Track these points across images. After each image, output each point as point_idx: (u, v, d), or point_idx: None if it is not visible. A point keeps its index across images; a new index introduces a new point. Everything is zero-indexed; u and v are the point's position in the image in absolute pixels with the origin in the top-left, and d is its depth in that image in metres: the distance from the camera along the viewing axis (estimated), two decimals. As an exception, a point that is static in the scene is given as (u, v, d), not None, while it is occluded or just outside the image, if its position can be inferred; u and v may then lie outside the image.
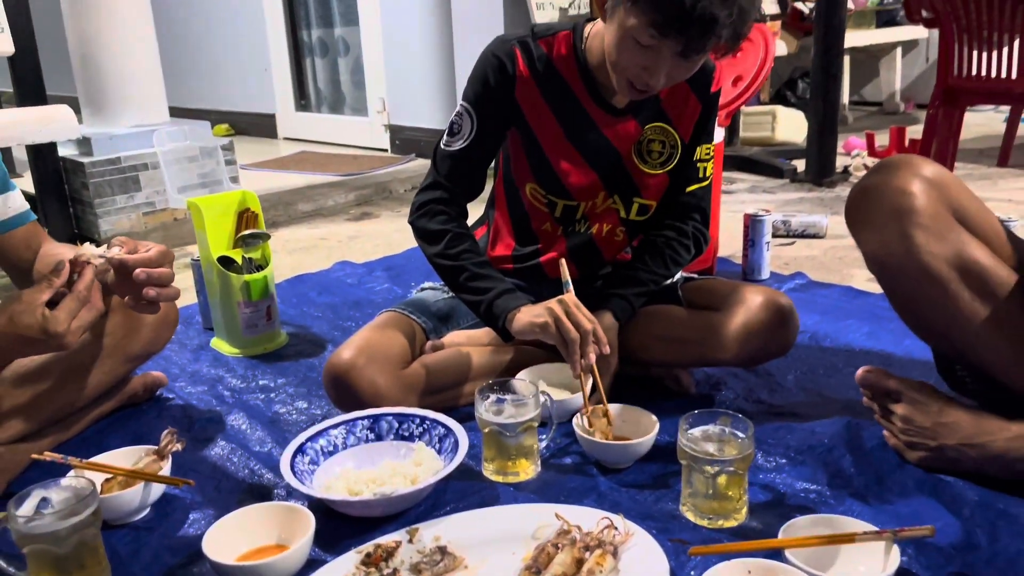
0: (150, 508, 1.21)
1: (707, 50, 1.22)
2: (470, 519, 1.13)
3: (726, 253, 2.33)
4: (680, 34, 1.18)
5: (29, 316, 1.04)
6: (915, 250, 1.13)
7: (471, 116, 1.44)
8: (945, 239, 1.13)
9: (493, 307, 1.38)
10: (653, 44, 1.21)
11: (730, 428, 1.13)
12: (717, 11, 1.16)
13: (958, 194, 1.16)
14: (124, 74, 2.79)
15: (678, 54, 1.22)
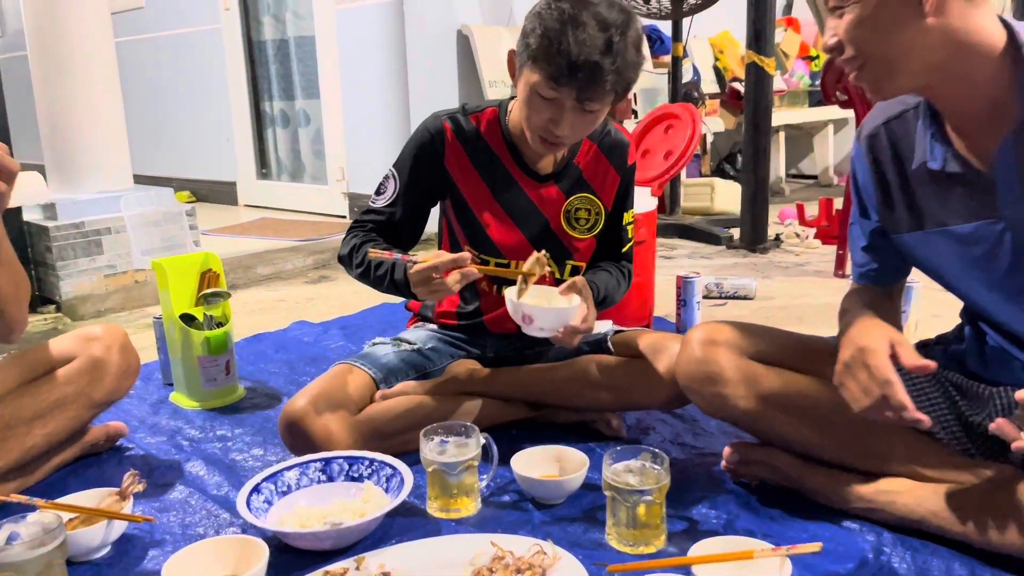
0: (111, 546, 1.28)
1: (601, 98, 1.41)
2: (413, 548, 1.22)
3: (662, 313, 2.49)
4: (571, 83, 1.37)
5: None
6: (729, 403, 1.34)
7: (395, 179, 1.62)
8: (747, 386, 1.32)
9: (395, 276, 1.50)
10: (553, 96, 1.40)
11: (650, 463, 1.25)
12: (599, 59, 1.36)
13: (752, 342, 1.36)
14: (91, 142, 2.90)
15: (576, 102, 1.40)
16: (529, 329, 1.45)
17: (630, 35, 1.40)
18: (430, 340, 1.73)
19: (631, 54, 1.40)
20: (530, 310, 1.43)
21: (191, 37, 4.98)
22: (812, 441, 1.32)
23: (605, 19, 1.37)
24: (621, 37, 1.38)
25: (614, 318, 1.83)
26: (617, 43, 1.37)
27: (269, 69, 4.82)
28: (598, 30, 1.36)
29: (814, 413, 1.31)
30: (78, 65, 2.88)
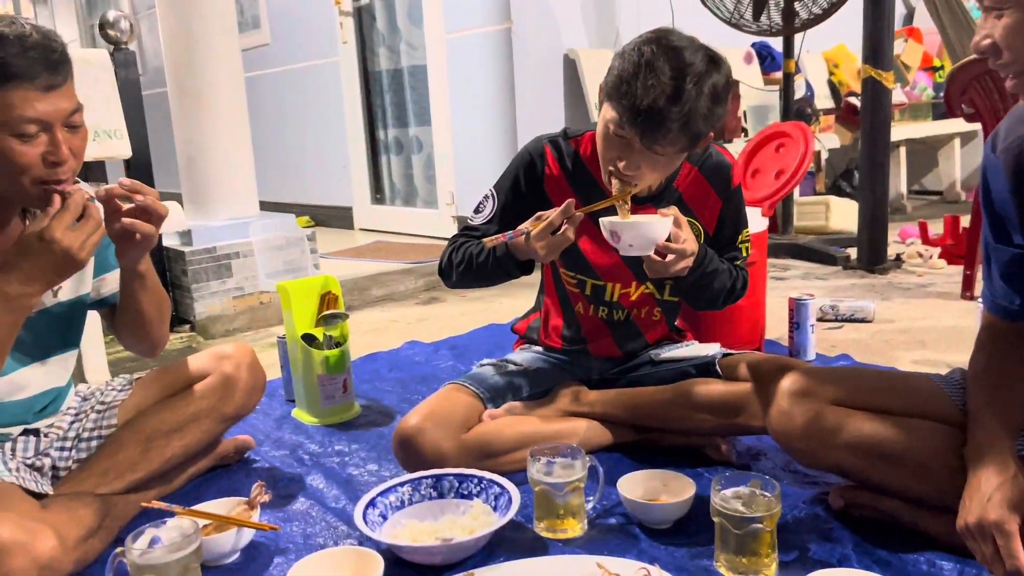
0: (240, 552, 1.37)
1: (667, 145, 1.40)
2: (521, 566, 1.25)
3: (773, 336, 2.44)
4: (635, 128, 1.38)
5: (34, 227, 1.19)
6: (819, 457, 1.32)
7: (494, 200, 1.67)
8: (837, 437, 1.27)
9: (497, 253, 1.53)
10: (621, 134, 1.40)
11: (760, 490, 1.23)
12: (664, 107, 1.36)
13: (843, 388, 1.31)
14: (222, 172, 3.12)
15: (644, 146, 1.40)
16: (621, 248, 1.43)
17: (707, 85, 1.37)
18: (536, 362, 1.76)
19: (703, 105, 1.37)
20: (616, 226, 1.42)
21: (311, 70, 5.26)
22: (913, 488, 1.26)
23: (684, 66, 1.36)
24: (695, 86, 1.36)
25: (722, 341, 1.81)
26: (688, 92, 1.35)
27: (384, 98, 5.03)
28: (670, 77, 1.35)
29: (911, 461, 1.24)
30: (212, 100, 3.11)
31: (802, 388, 1.32)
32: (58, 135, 1.21)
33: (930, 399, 1.29)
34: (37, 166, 1.21)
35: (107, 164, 2.82)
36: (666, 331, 1.78)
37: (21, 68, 1.16)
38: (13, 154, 1.19)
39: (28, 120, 1.18)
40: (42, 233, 1.18)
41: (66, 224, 1.19)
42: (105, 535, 1.37)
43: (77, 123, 1.25)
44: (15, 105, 1.16)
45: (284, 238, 2.90)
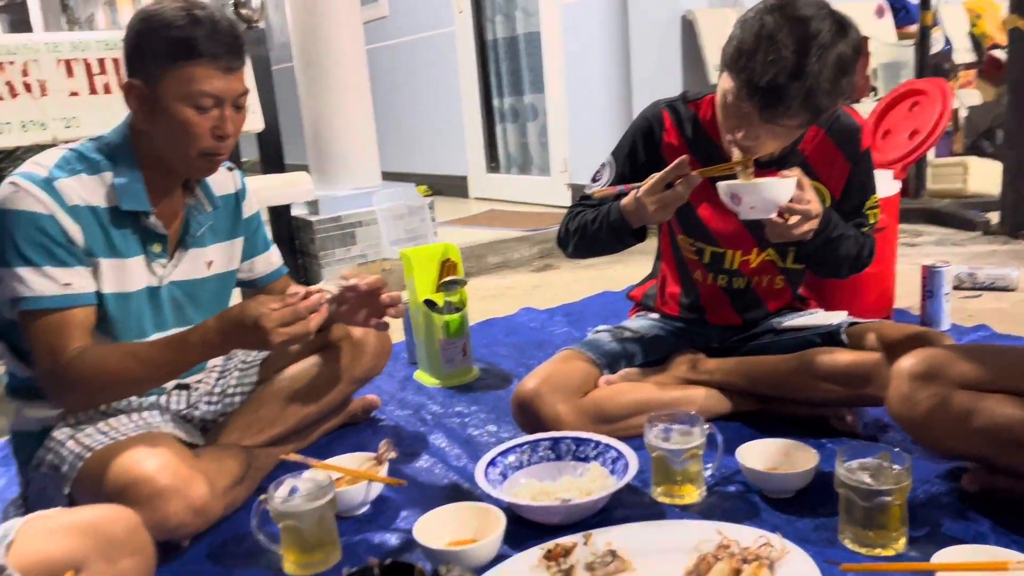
0: (369, 505, 1.45)
1: (787, 119, 1.33)
2: (639, 529, 1.27)
3: (904, 304, 2.33)
4: (753, 102, 1.32)
5: (255, 308, 1.25)
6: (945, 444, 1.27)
7: (611, 167, 1.64)
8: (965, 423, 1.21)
9: (611, 218, 1.51)
10: (740, 106, 1.35)
11: (889, 463, 1.19)
12: (785, 83, 1.29)
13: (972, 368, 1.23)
14: (347, 144, 3.24)
15: (760, 118, 1.34)
16: (742, 211, 1.39)
17: (831, 57, 1.30)
18: (653, 329, 1.76)
19: (826, 79, 1.31)
20: (736, 188, 1.37)
21: (428, 40, 5.34)
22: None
23: (808, 38, 1.29)
24: (819, 59, 1.29)
25: (848, 309, 1.75)
26: (811, 66, 1.29)
27: (500, 66, 5.05)
28: (793, 51, 1.29)
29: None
30: (335, 74, 3.23)
31: (925, 370, 1.25)
32: (227, 112, 1.33)
33: None
34: (206, 137, 1.32)
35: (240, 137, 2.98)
36: (789, 300, 1.74)
37: (209, 48, 1.28)
38: (189, 124, 1.30)
39: (206, 94, 1.29)
40: (261, 321, 1.24)
41: (285, 322, 1.26)
42: (249, 484, 1.48)
43: (243, 104, 1.37)
44: (198, 79, 1.28)
45: (406, 207, 2.99)
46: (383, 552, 1.31)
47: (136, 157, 1.37)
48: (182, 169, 1.38)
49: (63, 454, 1.34)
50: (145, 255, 1.40)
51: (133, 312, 1.40)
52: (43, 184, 1.29)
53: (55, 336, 1.29)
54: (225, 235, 1.54)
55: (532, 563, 1.20)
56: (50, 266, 1.29)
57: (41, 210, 1.28)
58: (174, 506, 1.25)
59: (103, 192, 1.34)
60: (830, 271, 1.60)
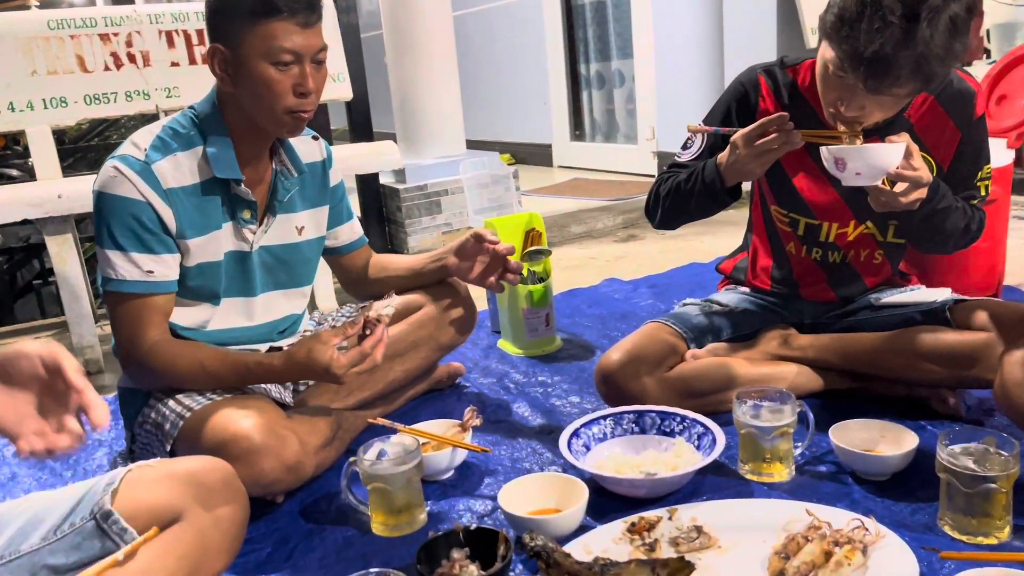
0: (455, 470, 1.47)
1: (896, 88, 1.25)
2: (725, 506, 1.25)
3: (1015, 282, 2.20)
4: (859, 73, 1.24)
5: (321, 354, 1.31)
6: None
7: (703, 134, 1.58)
8: None
9: (705, 174, 1.47)
10: (842, 77, 1.27)
11: (995, 448, 1.14)
12: (892, 53, 1.20)
13: None
14: (433, 113, 3.26)
15: (866, 89, 1.26)
16: (846, 177, 1.31)
17: (943, 20, 1.20)
18: (742, 303, 1.71)
19: (938, 43, 1.21)
20: (841, 152, 1.30)
21: (515, 6, 5.29)
22: None
23: (917, 1, 1.20)
24: (930, 24, 1.19)
25: (953, 286, 1.66)
26: (922, 33, 1.19)
27: (587, 31, 4.97)
28: (900, 15, 1.19)
29: None
30: (423, 41, 3.24)
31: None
32: (307, 68, 1.35)
33: None
34: (288, 94, 1.34)
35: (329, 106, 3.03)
36: (889, 275, 1.66)
37: (286, 4, 1.30)
38: (271, 81, 1.33)
39: (286, 50, 1.31)
40: (332, 369, 1.31)
41: (353, 364, 1.32)
42: (339, 445, 1.52)
43: (323, 59, 1.39)
44: (277, 36, 1.30)
45: (491, 175, 3.00)
46: (468, 517, 1.33)
47: (225, 124, 1.41)
48: (271, 128, 1.40)
49: (165, 412, 1.40)
50: (235, 221, 1.44)
51: (223, 276, 1.45)
52: (141, 169, 1.34)
53: (134, 321, 1.37)
54: (313, 202, 1.58)
55: (616, 535, 1.20)
56: (137, 252, 1.35)
57: (137, 197, 1.33)
58: (269, 463, 1.30)
59: (197, 166, 1.39)
60: (935, 246, 1.52)
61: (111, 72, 2.44)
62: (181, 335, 1.45)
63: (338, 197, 1.66)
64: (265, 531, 1.34)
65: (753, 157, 1.37)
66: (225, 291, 1.47)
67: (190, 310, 1.46)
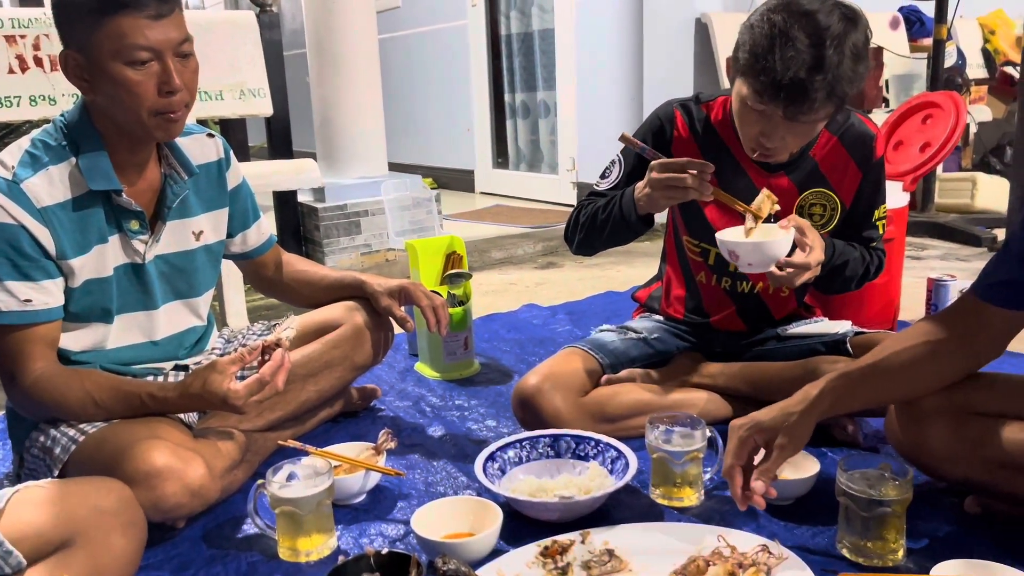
0: (367, 494, 1.44)
1: (812, 113, 1.34)
2: (636, 530, 1.26)
3: (908, 317, 2.32)
4: (777, 101, 1.32)
5: (217, 385, 1.27)
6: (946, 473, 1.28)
7: (620, 165, 1.63)
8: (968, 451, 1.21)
9: (622, 202, 1.51)
10: (761, 109, 1.35)
11: (890, 473, 1.19)
12: (806, 77, 1.29)
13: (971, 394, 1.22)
14: (355, 132, 3.24)
15: (787, 118, 1.34)
16: (739, 266, 1.41)
17: (847, 45, 1.32)
18: (656, 330, 1.75)
19: (846, 67, 1.32)
20: (734, 245, 1.39)
21: (440, 33, 5.33)
22: None
23: (820, 30, 1.30)
24: (836, 50, 1.30)
25: (853, 319, 1.74)
26: (830, 57, 1.30)
27: (513, 62, 5.04)
28: (808, 45, 1.30)
29: None
30: (347, 61, 3.22)
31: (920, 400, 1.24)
32: (169, 63, 1.24)
33: None
34: (151, 95, 1.24)
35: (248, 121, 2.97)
36: (794, 307, 1.73)
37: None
38: (130, 83, 1.22)
39: (139, 47, 1.21)
40: (229, 400, 1.28)
41: (252, 392, 1.29)
42: (247, 468, 1.47)
43: (188, 52, 1.28)
44: (126, 33, 1.20)
45: (413, 198, 2.99)
46: (380, 542, 1.30)
47: (97, 132, 1.31)
48: (140, 133, 1.30)
49: (56, 436, 1.32)
50: (122, 233, 1.36)
51: (115, 293, 1.37)
52: (9, 190, 1.24)
53: (15, 354, 1.28)
54: (211, 204, 1.50)
55: (529, 559, 1.19)
56: (12, 280, 1.25)
57: (8, 221, 1.24)
58: (171, 487, 1.24)
59: (72, 179, 1.29)
60: (837, 290, 1.63)
61: (16, 75, 2.32)
62: (75, 360, 1.37)
63: (242, 198, 1.58)
64: (163, 557, 1.27)
65: (662, 187, 1.41)
66: (120, 308, 1.39)
67: (81, 332, 1.37)
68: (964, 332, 1.19)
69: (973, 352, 1.20)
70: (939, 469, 1.28)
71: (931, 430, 1.24)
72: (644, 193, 1.45)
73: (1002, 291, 1.16)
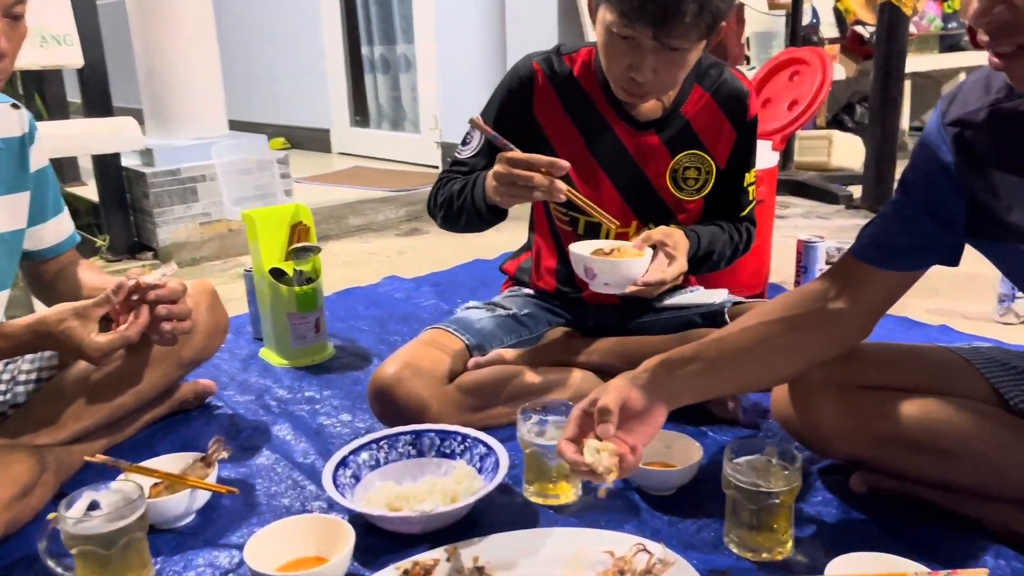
0: (195, 514, 1.23)
1: (682, 34, 1.23)
2: (508, 541, 1.12)
3: (778, 279, 2.30)
4: (645, 18, 1.20)
5: (76, 333, 1.15)
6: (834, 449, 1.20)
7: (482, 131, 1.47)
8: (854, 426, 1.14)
9: (474, 190, 1.37)
10: (629, 35, 1.23)
11: (777, 459, 1.10)
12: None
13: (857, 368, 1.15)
14: (187, 87, 2.87)
15: (654, 42, 1.23)
16: (594, 285, 1.32)
17: None
18: (526, 306, 1.61)
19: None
20: (592, 263, 1.30)
21: (287, -20, 4.92)
22: (946, 477, 1.12)
23: None
24: None
25: (726, 284, 1.67)
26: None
27: (369, 11, 4.72)
28: None
29: (936, 447, 1.09)
30: (174, 9, 2.84)
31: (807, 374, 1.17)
32: None
33: (961, 378, 1.15)
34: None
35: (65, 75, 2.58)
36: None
37: None
38: None
39: None
40: (86, 351, 1.17)
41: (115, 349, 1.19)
42: (43, 492, 1.22)
43: (19, 13, 1.10)
44: None
45: (254, 161, 2.69)
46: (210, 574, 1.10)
47: None
48: None
49: None
50: None
51: None
52: None
53: None
54: (10, 186, 1.25)
55: (386, 586, 1.03)
56: None
57: None
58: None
59: None
60: (706, 272, 1.55)
61: None
62: None
63: (43, 184, 1.33)
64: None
65: (507, 183, 1.25)
66: None
67: None
68: (846, 297, 1.11)
69: (854, 320, 1.12)
70: (827, 447, 1.21)
71: (819, 407, 1.16)
72: (492, 185, 1.29)
73: (875, 252, 1.10)
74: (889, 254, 1.09)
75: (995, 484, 1.07)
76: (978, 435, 1.06)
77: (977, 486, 1.08)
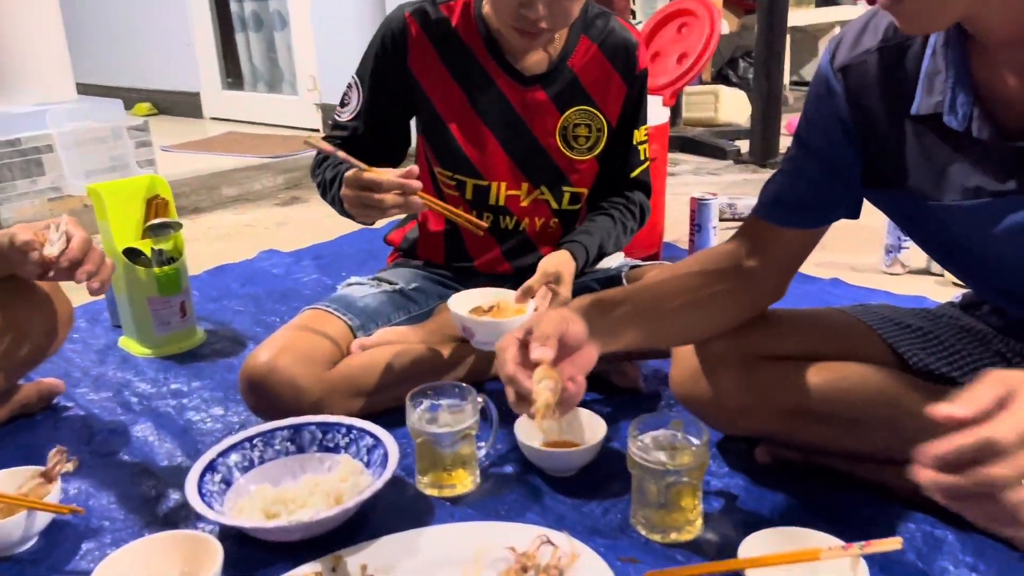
0: (38, 536, 1.07)
1: None
2: (400, 543, 1.02)
3: (672, 238, 2.26)
4: None
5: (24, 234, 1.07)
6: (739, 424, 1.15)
7: (358, 88, 1.39)
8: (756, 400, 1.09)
9: (337, 194, 1.27)
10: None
11: (683, 433, 1.04)
12: None
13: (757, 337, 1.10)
14: (25, 46, 2.55)
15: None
16: (474, 342, 1.28)
17: None
18: (414, 279, 1.50)
19: None
20: (471, 323, 1.26)
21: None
22: (850, 445, 1.09)
23: None
24: None
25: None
26: None
27: (235, -36, 4.39)
28: None
29: (844, 416, 1.06)
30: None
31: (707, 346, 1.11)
32: None
33: (860, 341, 1.11)
34: None
35: None
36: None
37: None
38: None
39: None
40: None
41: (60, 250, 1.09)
42: None
43: None
44: None
45: (109, 129, 2.42)
46: (49, 614, 0.95)
47: None
48: None
49: None
50: None
51: None
52: None
53: None
54: None
55: (262, 608, 0.91)
56: None
57: None
58: None
59: None
60: None
61: None
62: None
63: None
64: None
65: (358, 205, 1.17)
66: None
67: None
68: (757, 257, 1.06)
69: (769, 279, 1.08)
70: (733, 424, 1.16)
71: (721, 383, 1.10)
72: (346, 202, 1.20)
73: (779, 212, 1.05)
74: (793, 213, 1.04)
75: (906, 449, 1.04)
76: (887, 401, 1.02)
77: (887, 451, 1.05)
